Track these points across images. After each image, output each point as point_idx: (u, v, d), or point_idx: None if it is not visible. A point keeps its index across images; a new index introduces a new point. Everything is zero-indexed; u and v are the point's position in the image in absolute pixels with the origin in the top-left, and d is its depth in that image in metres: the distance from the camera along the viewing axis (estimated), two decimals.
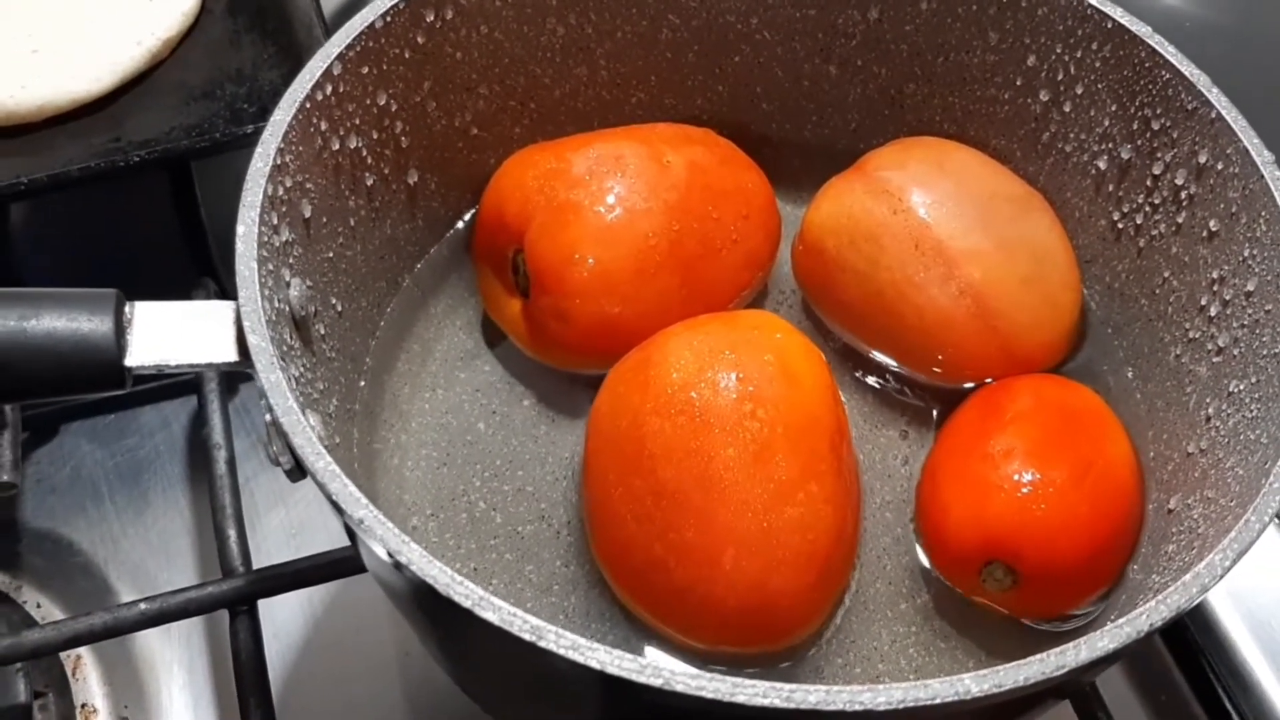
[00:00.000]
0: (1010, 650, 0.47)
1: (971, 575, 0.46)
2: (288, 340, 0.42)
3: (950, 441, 0.49)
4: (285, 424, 0.37)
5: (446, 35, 0.51)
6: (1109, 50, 0.50)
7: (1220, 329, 0.47)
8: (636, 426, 0.45)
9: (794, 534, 0.43)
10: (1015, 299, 0.50)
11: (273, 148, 0.42)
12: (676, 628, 0.45)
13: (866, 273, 0.51)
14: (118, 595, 0.59)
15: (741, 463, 0.43)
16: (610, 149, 0.52)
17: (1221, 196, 0.47)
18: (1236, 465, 0.43)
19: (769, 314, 0.49)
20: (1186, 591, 0.36)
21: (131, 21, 0.63)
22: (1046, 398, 0.49)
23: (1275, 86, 0.56)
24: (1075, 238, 0.53)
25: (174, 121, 0.61)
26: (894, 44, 0.55)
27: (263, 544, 0.60)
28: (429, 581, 0.34)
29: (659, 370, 0.46)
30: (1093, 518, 0.46)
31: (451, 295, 0.55)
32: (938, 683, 0.33)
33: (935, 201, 0.50)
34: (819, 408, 0.46)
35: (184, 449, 0.64)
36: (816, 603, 0.45)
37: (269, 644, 0.55)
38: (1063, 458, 0.46)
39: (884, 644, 0.47)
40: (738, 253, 0.53)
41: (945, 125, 0.57)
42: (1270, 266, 0.44)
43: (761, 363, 0.45)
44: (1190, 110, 0.48)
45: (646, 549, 0.44)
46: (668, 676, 0.33)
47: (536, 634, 0.33)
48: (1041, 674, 0.34)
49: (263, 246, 0.41)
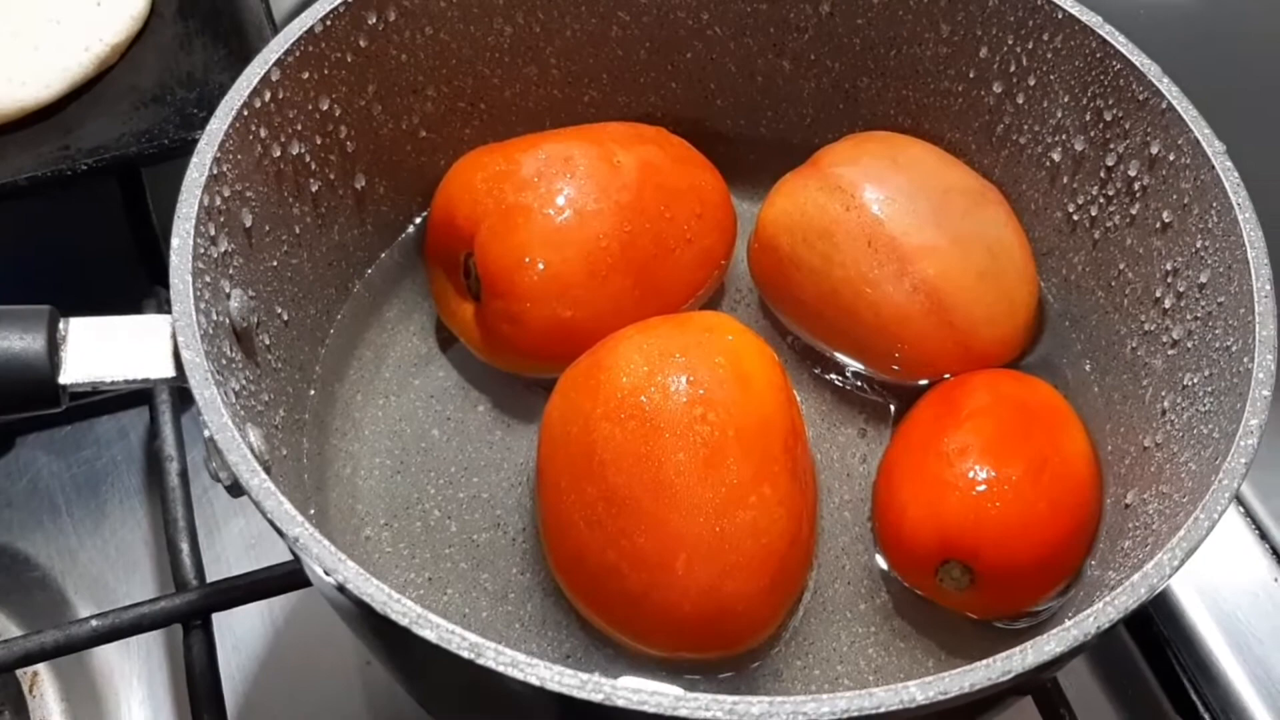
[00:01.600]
0: (970, 649, 0.46)
1: (928, 575, 0.46)
2: (227, 353, 0.41)
3: (906, 439, 0.49)
4: (220, 441, 0.36)
5: (390, 37, 0.50)
6: (1060, 41, 0.50)
7: (1174, 321, 0.46)
8: (587, 432, 0.44)
9: (747, 537, 0.43)
10: (970, 294, 0.49)
11: (208, 157, 0.42)
12: (631, 635, 0.45)
13: (821, 270, 0.50)
14: (76, 609, 0.58)
15: (693, 467, 0.43)
16: (560, 149, 0.51)
17: (1174, 187, 0.47)
18: (1190, 460, 0.42)
19: (721, 315, 0.49)
20: (1134, 592, 0.35)
21: (80, 27, 0.63)
22: (1002, 393, 0.48)
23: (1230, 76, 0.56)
24: (1031, 231, 0.53)
25: (124, 128, 0.60)
26: (846, 37, 0.55)
27: (221, 554, 0.59)
28: (365, 600, 0.33)
29: (609, 375, 0.45)
30: (1050, 514, 0.45)
31: (404, 300, 0.55)
32: (882, 691, 0.32)
33: (888, 197, 0.50)
34: (772, 409, 0.45)
35: (142, 459, 0.63)
36: (772, 606, 0.45)
37: (229, 656, 0.55)
38: (1019, 454, 0.46)
39: (843, 645, 0.47)
40: (692, 252, 0.52)
41: (900, 119, 0.56)
42: (1222, 258, 0.44)
43: (712, 365, 0.45)
44: (1142, 101, 0.47)
45: (599, 556, 0.43)
46: (609, 691, 0.32)
47: (475, 651, 0.33)
48: (988, 679, 0.33)
49: (199, 258, 0.40)
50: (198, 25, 0.65)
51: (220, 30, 0.64)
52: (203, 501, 0.58)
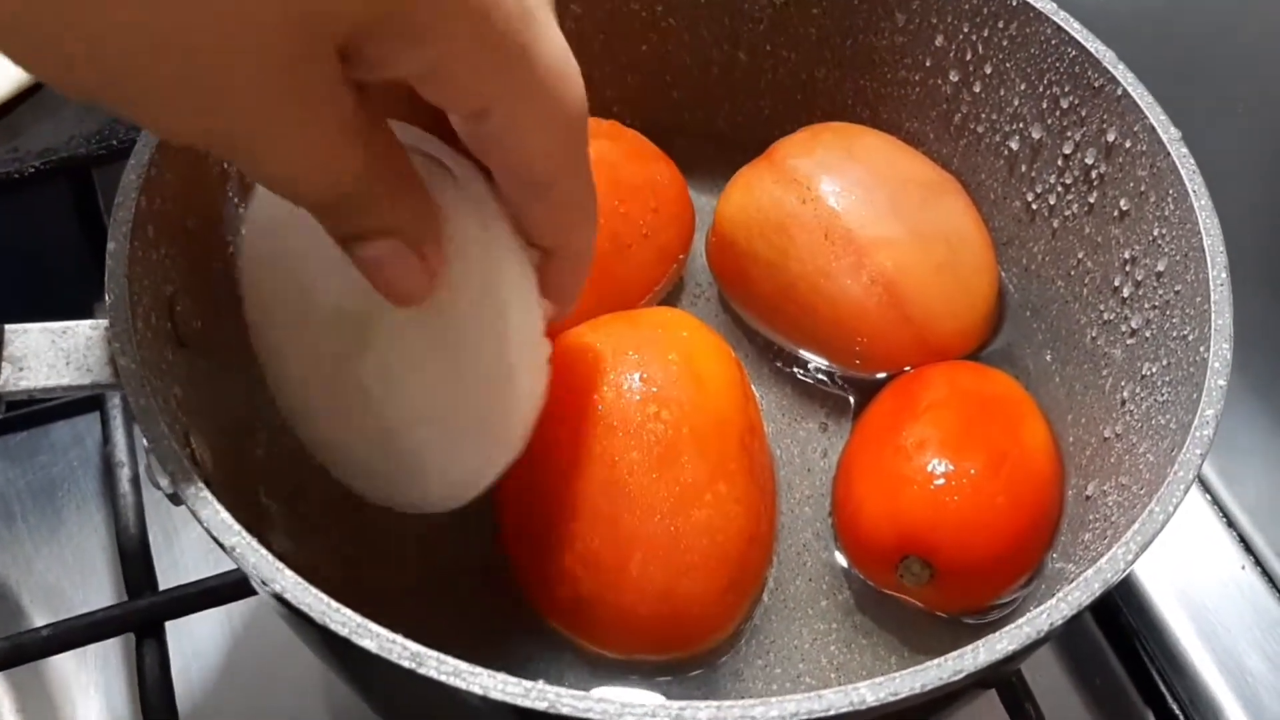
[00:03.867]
0: (934, 644, 0.46)
1: (888, 571, 0.45)
2: (169, 358, 0.40)
3: (864, 434, 0.48)
4: (156, 450, 0.35)
5: None
6: (1015, 28, 0.49)
7: (1133, 310, 0.46)
8: (540, 432, 0.44)
9: (702, 536, 0.42)
10: (928, 286, 0.49)
11: (145, 159, 0.41)
12: (588, 639, 0.44)
13: (778, 264, 0.50)
14: (31, 618, 0.57)
15: (646, 466, 0.42)
16: None
17: (1131, 175, 0.46)
18: (1148, 451, 0.42)
19: (676, 311, 0.48)
20: (1089, 587, 0.35)
21: None
22: (961, 386, 0.48)
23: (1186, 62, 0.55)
24: (990, 220, 0.53)
25: (73, 129, 0.59)
26: (802, 27, 0.54)
27: (179, 560, 0.58)
28: (304, 609, 0.33)
29: (560, 374, 0.44)
30: (1010, 508, 0.45)
31: None
32: (831, 693, 0.32)
33: (844, 189, 0.49)
34: (727, 406, 0.45)
35: (98, 465, 0.62)
36: (729, 605, 0.44)
37: (188, 664, 0.54)
38: (978, 447, 0.45)
39: (805, 642, 0.46)
40: (649, 248, 0.52)
41: (858, 109, 0.56)
42: (1178, 246, 0.44)
43: (665, 362, 0.44)
44: (1097, 87, 0.47)
45: (556, 560, 0.43)
46: (553, 699, 0.32)
47: (416, 660, 0.32)
48: (939, 679, 0.33)
49: (137, 262, 0.40)
50: None
51: None
52: (161, 506, 0.57)
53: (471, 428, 0.39)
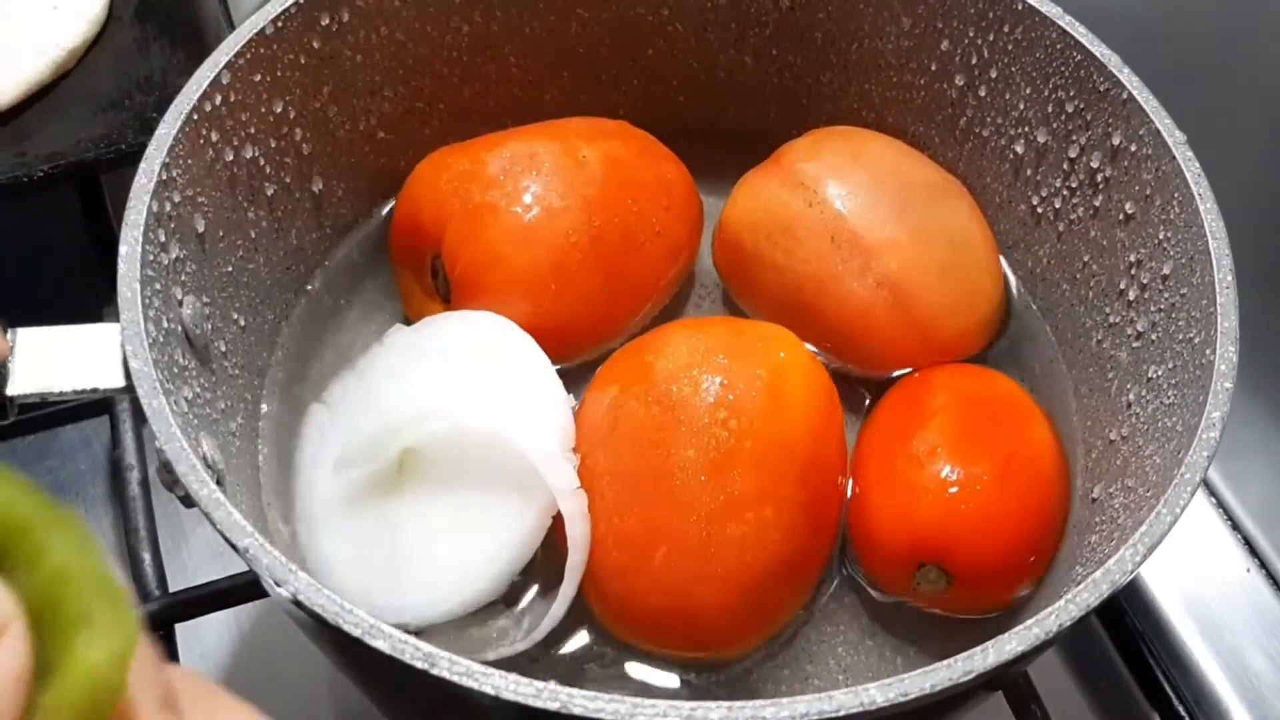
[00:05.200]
0: (940, 644, 0.46)
1: (904, 580, 0.45)
2: (179, 361, 0.41)
3: (871, 441, 0.48)
4: (169, 451, 0.35)
5: (344, 38, 0.49)
6: (1020, 33, 0.49)
7: (1139, 313, 0.46)
8: (616, 405, 0.45)
9: (731, 551, 0.42)
10: (934, 288, 0.49)
11: (157, 163, 0.41)
12: (599, 609, 0.44)
13: (784, 267, 0.50)
14: None
15: (698, 466, 0.43)
16: (524, 147, 0.51)
17: (1136, 178, 0.46)
18: (1155, 453, 0.42)
19: (783, 330, 0.47)
20: (1097, 589, 0.35)
21: (36, 32, 0.62)
22: (965, 390, 0.48)
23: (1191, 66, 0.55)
24: (995, 223, 0.53)
25: (81, 133, 0.60)
26: (807, 32, 0.55)
27: (188, 562, 0.58)
28: (317, 611, 0.33)
29: (652, 357, 0.46)
30: (1021, 511, 0.45)
31: (366, 301, 0.54)
32: (841, 694, 0.32)
33: (851, 192, 0.49)
34: (800, 434, 0.44)
35: (106, 469, 0.62)
36: (741, 624, 0.44)
37: (196, 665, 0.54)
38: (986, 452, 0.45)
39: (812, 644, 0.46)
40: (660, 245, 0.52)
41: (864, 113, 0.56)
42: (1184, 249, 0.44)
43: (750, 375, 0.44)
44: (1103, 92, 0.47)
45: (593, 524, 0.43)
46: (564, 699, 0.32)
47: (429, 661, 0.32)
48: (949, 680, 0.33)
49: (148, 266, 0.40)
50: (156, 29, 0.64)
51: (178, 34, 0.64)
52: (169, 509, 0.57)
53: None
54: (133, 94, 0.61)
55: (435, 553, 0.44)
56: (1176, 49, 0.56)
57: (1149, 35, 0.55)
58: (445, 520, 0.44)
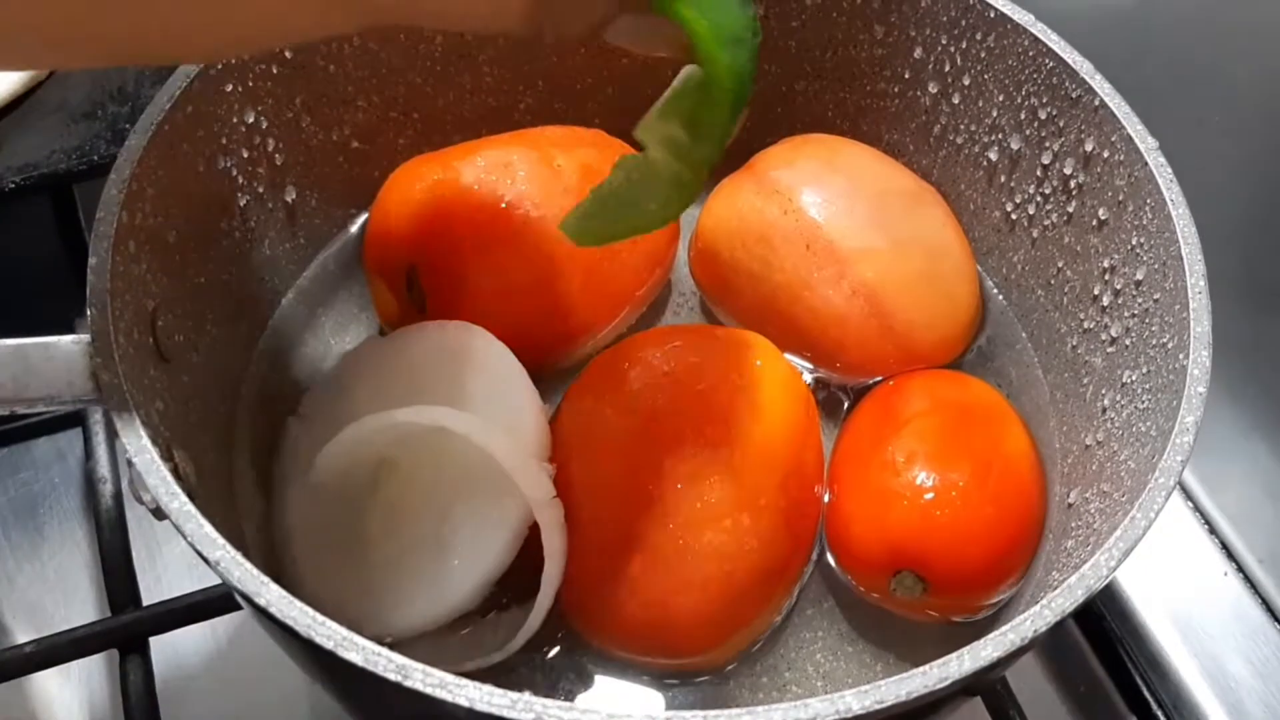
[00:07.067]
0: (919, 650, 0.46)
1: (881, 585, 0.45)
2: (150, 373, 0.40)
3: (847, 447, 0.48)
4: (139, 464, 0.35)
5: (317, 48, 0.49)
6: (993, 40, 0.50)
7: (1113, 319, 0.46)
8: (593, 415, 0.45)
9: (709, 559, 0.42)
10: (909, 296, 0.49)
11: (126, 174, 0.41)
12: (576, 619, 0.44)
13: (760, 275, 0.50)
14: (13, 635, 0.57)
15: (674, 476, 0.43)
16: (498, 155, 0.51)
17: (1109, 184, 0.47)
18: (1129, 458, 0.42)
19: (760, 338, 0.48)
20: (1072, 594, 0.35)
21: None
22: (941, 396, 0.48)
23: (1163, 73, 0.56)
24: (970, 230, 0.53)
25: (54, 144, 0.59)
26: (781, 40, 0.55)
27: (163, 575, 0.58)
28: (289, 623, 0.33)
29: (629, 365, 0.46)
30: (998, 517, 0.45)
31: (341, 311, 0.54)
32: (818, 701, 0.32)
33: (826, 200, 0.50)
34: (778, 442, 0.44)
35: (80, 481, 0.61)
36: (719, 633, 0.44)
37: (171, 679, 0.54)
38: (963, 459, 0.45)
39: (790, 651, 0.46)
40: (637, 253, 0.52)
41: (838, 121, 0.56)
42: (1157, 255, 0.44)
43: (728, 383, 0.45)
44: (1075, 98, 0.47)
45: (570, 533, 0.43)
46: (539, 710, 0.32)
47: (402, 673, 0.32)
48: (924, 687, 0.33)
49: (118, 277, 0.40)
50: None
51: None
52: (144, 522, 0.57)
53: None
54: (105, 105, 0.61)
55: (411, 564, 0.43)
56: (1148, 56, 0.56)
57: (1121, 42, 0.56)
58: (421, 532, 0.44)
